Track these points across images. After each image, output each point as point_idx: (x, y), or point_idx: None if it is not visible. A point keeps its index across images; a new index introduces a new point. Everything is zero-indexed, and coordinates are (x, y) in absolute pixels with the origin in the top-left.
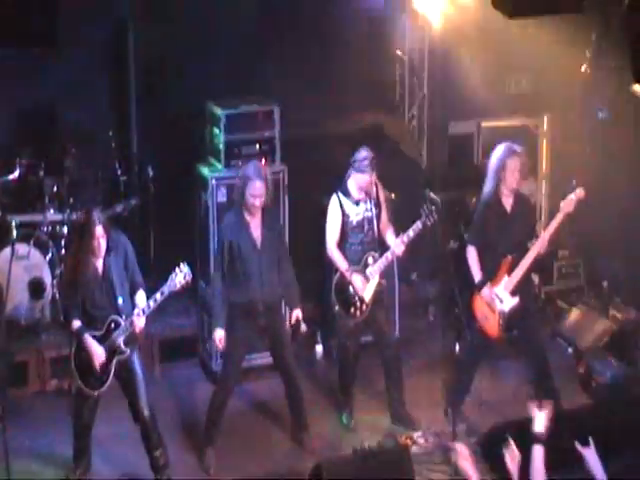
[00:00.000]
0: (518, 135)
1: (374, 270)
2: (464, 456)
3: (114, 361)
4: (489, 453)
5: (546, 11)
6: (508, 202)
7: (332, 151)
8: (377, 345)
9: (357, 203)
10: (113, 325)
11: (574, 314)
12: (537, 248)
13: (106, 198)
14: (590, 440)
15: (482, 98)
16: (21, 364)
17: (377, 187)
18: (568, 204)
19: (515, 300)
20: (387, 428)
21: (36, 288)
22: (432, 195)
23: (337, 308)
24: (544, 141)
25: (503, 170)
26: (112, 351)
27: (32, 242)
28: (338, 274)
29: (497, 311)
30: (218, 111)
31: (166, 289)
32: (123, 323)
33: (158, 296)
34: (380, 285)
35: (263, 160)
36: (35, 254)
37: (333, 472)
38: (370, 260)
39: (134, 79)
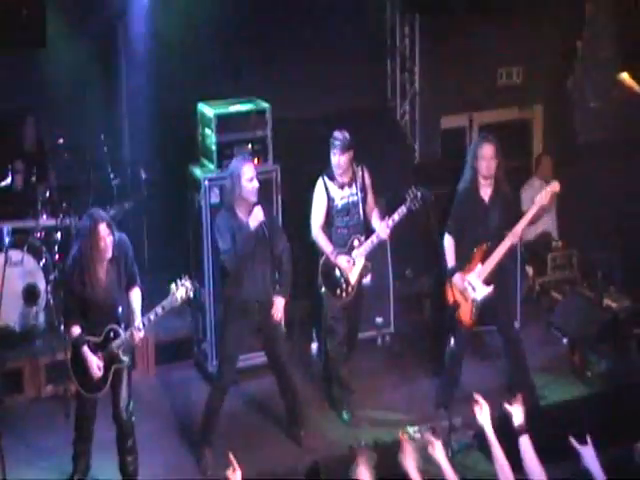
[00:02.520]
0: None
1: (360, 253)
2: (438, 450)
3: (112, 369)
4: (486, 445)
5: None
6: (486, 192)
7: (322, 148)
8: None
9: (342, 187)
10: (112, 334)
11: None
12: (511, 239)
13: (99, 202)
14: (588, 438)
15: (473, 91)
16: (16, 371)
17: (363, 171)
18: (543, 197)
19: (489, 289)
20: (383, 424)
21: (30, 294)
22: (423, 190)
23: (323, 290)
24: (537, 132)
25: (476, 159)
26: (110, 359)
27: (25, 248)
28: (324, 257)
29: (470, 299)
30: (209, 112)
31: (167, 304)
32: (122, 334)
33: (159, 310)
34: (366, 268)
35: (256, 160)
36: (29, 260)
37: (330, 470)
38: (356, 243)
39: (125, 82)
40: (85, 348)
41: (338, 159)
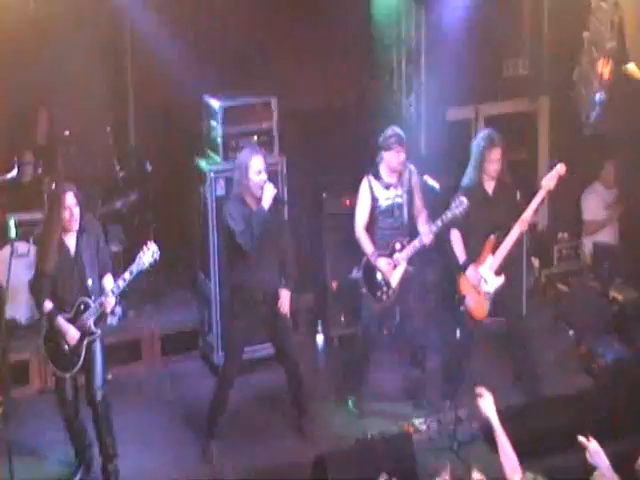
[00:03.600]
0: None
1: (401, 256)
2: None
3: (84, 342)
4: (492, 437)
5: None
6: (490, 185)
7: (329, 139)
8: (402, 331)
9: (387, 187)
10: (82, 307)
11: None
12: (520, 226)
13: (105, 194)
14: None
15: (479, 83)
16: (22, 363)
17: (410, 172)
18: (550, 180)
19: (500, 280)
20: (389, 416)
21: None
22: (431, 181)
23: (364, 290)
24: (542, 123)
25: (483, 161)
26: (82, 333)
27: (32, 240)
28: (365, 257)
29: (482, 292)
30: (215, 104)
31: (135, 268)
32: (93, 305)
33: (127, 276)
34: (407, 272)
35: None
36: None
37: (336, 462)
38: (397, 246)
39: (131, 74)
40: (60, 318)
41: (401, 155)
